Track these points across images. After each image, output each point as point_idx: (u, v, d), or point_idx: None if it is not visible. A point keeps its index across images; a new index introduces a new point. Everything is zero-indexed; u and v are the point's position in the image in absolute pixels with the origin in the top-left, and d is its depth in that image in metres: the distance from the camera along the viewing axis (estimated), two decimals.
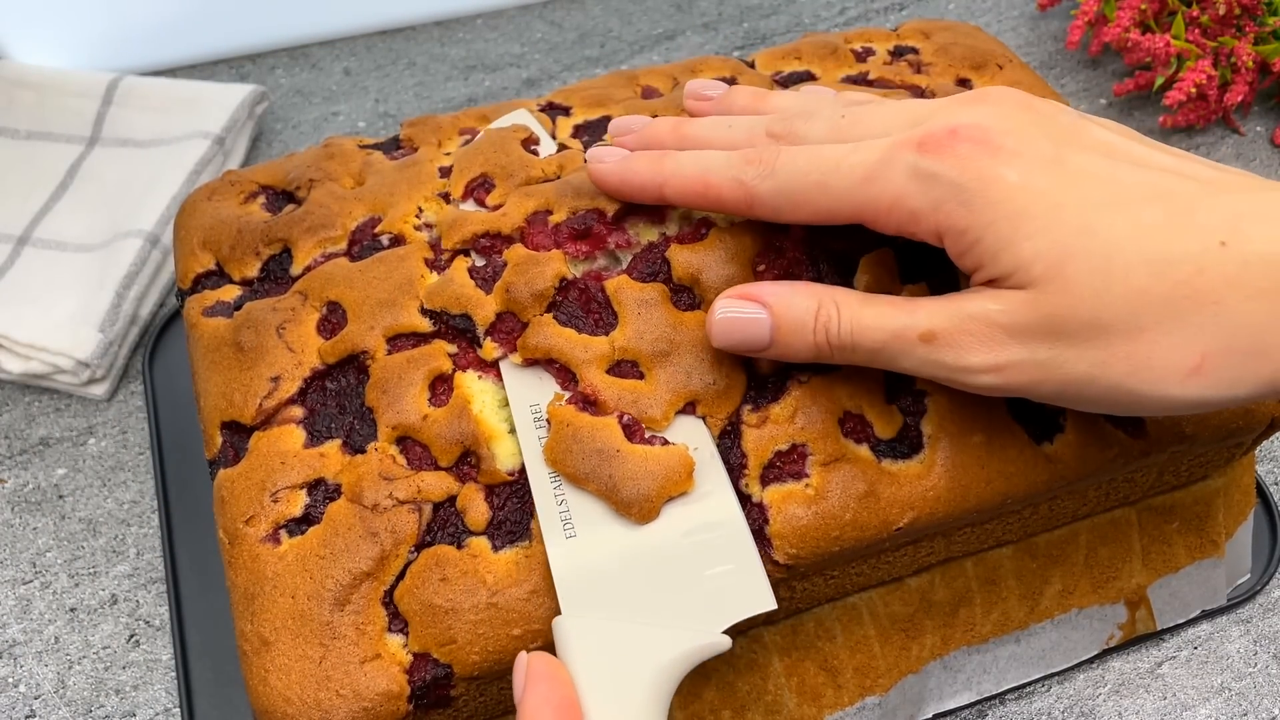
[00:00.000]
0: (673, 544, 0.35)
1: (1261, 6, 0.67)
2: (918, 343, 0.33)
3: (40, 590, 0.50)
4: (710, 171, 0.37)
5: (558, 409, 0.37)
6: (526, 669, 0.32)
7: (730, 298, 0.36)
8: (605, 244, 0.41)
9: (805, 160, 0.35)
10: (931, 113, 0.34)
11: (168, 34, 0.71)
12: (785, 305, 0.35)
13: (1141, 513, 0.47)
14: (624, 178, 0.40)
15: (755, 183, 0.36)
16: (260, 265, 0.44)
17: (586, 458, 0.36)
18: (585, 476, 0.36)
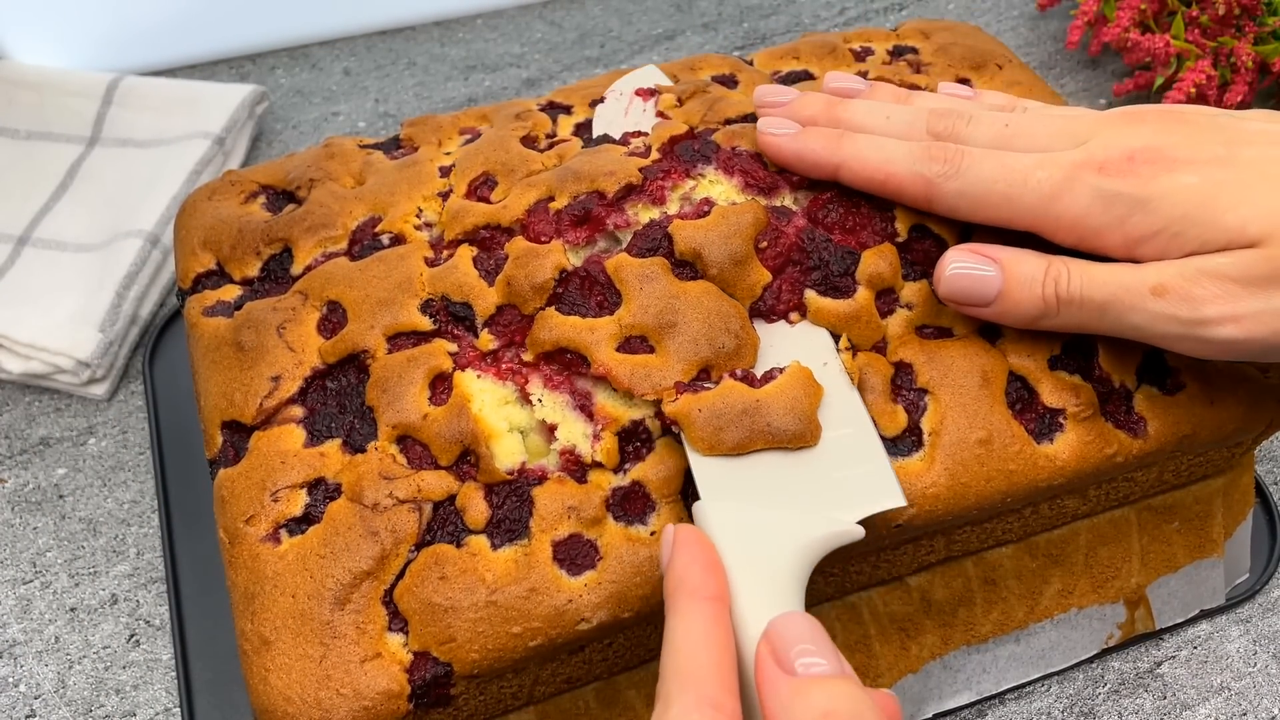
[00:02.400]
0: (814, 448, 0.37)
1: (1261, 6, 0.67)
2: (1149, 296, 0.35)
3: (40, 590, 0.50)
4: (893, 162, 0.39)
5: (673, 406, 0.37)
6: (674, 535, 0.33)
7: (962, 252, 0.38)
8: (604, 226, 0.41)
9: (991, 168, 0.38)
10: (1092, 131, 0.38)
11: (168, 34, 0.71)
12: (1016, 262, 0.38)
13: (1141, 513, 0.47)
14: (799, 153, 0.41)
15: (940, 180, 0.38)
16: (260, 265, 0.44)
17: (737, 426, 0.36)
18: (748, 440, 0.36)
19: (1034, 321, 0.38)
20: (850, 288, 0.40)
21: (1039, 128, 0.39)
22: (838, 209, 0.41)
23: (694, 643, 0.29)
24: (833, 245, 0.41)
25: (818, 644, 0.29)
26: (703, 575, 0.31)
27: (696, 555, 0.32)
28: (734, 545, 0.33)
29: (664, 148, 0.43)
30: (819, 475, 0.36)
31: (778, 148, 0.41)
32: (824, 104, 0.42)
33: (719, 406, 0.37)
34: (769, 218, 0.41)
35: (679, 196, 0.42)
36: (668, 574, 0.32)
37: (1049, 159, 0.37)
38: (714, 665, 0.29)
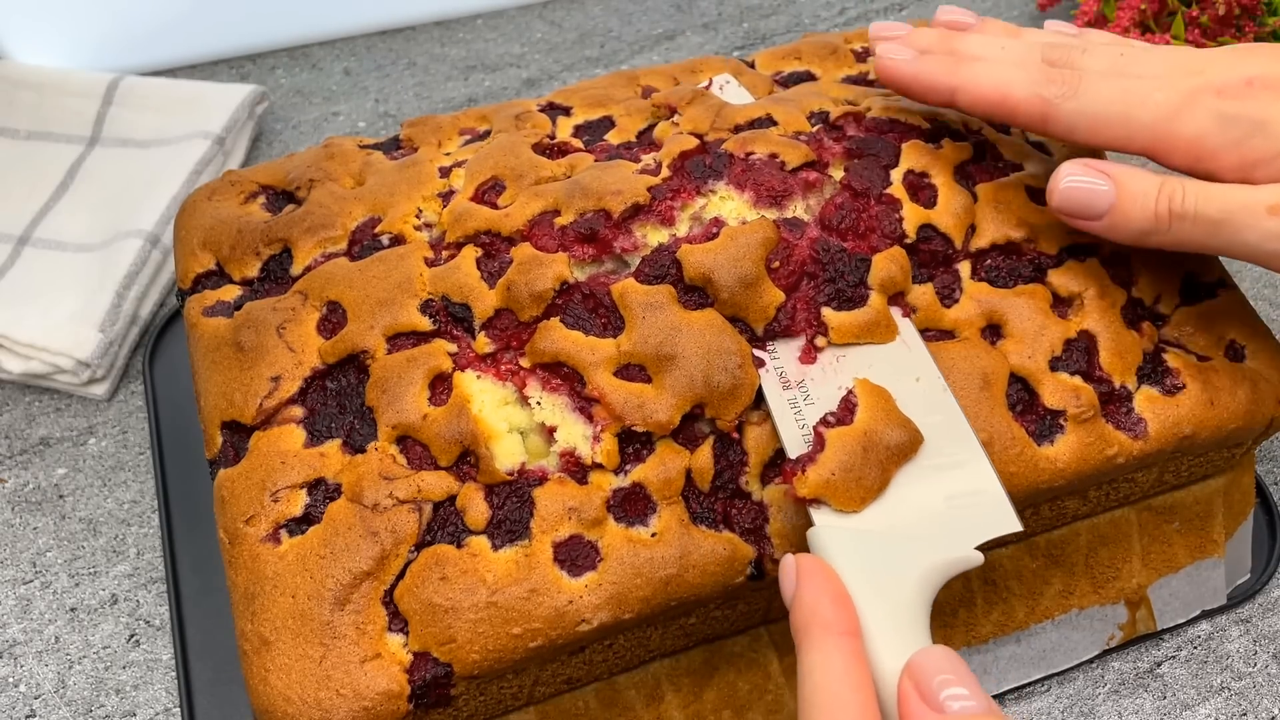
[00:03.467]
0: (916, 471, 0.36)
1: (1261, 6, 0.67)
2: (1265, 215, 0.36)
3: (40, 590, 0.50)
4: (1010, 84, 0.40)
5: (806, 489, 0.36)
6: (796, 566, 0.33)
7: (1076, 165, 0.38)
8: (611, 248, 0.41)
9: (1110, 89, 0.39)
10: (1206, 62, 0.39)
11: (168, 34, 0.71)
12: (1130, 177, 0.38)
13: (1141, 513, 0.47)
14: (917, 75, 0.42)
15: (1058, 101, 0.39)
16: (260, 265, 0.44)
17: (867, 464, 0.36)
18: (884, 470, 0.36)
19: (1143, 237, 0.38)
20: (864, 296, 0.40)
21: (1153, 57, 0.40)
22: (849, 213, 0.41)
23: (835, 681, 0.29)
24: (846, 255, 0.41)
25: (961, 679, 0.29)
26: (834, 609, 0.31)
27: (825, 587, 0.32)
28: (857, 574, 0.33)
29: (674, 164, 0.43)
30: (932, 499, 0.36)
31: (896, 70, 0.42)
32: (939, 36, 0.43)
33: (845, 460, 0.36)
34: (779, 235, 0.41)
35: (689, 216, 0.42)
36: (796, 606, 0.32)
37: (1167, 82, 0.38)
38: (859, 705, 0.29)
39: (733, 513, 0.38)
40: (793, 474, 0.36)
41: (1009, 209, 0.43)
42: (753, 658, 0.43)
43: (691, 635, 0.41)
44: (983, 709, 0.28)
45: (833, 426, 0.37)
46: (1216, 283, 0.45)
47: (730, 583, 0.38)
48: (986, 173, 0.45)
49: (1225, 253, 0.38)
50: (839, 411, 0.37)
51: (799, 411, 0.38)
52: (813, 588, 0.32)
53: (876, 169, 0.43)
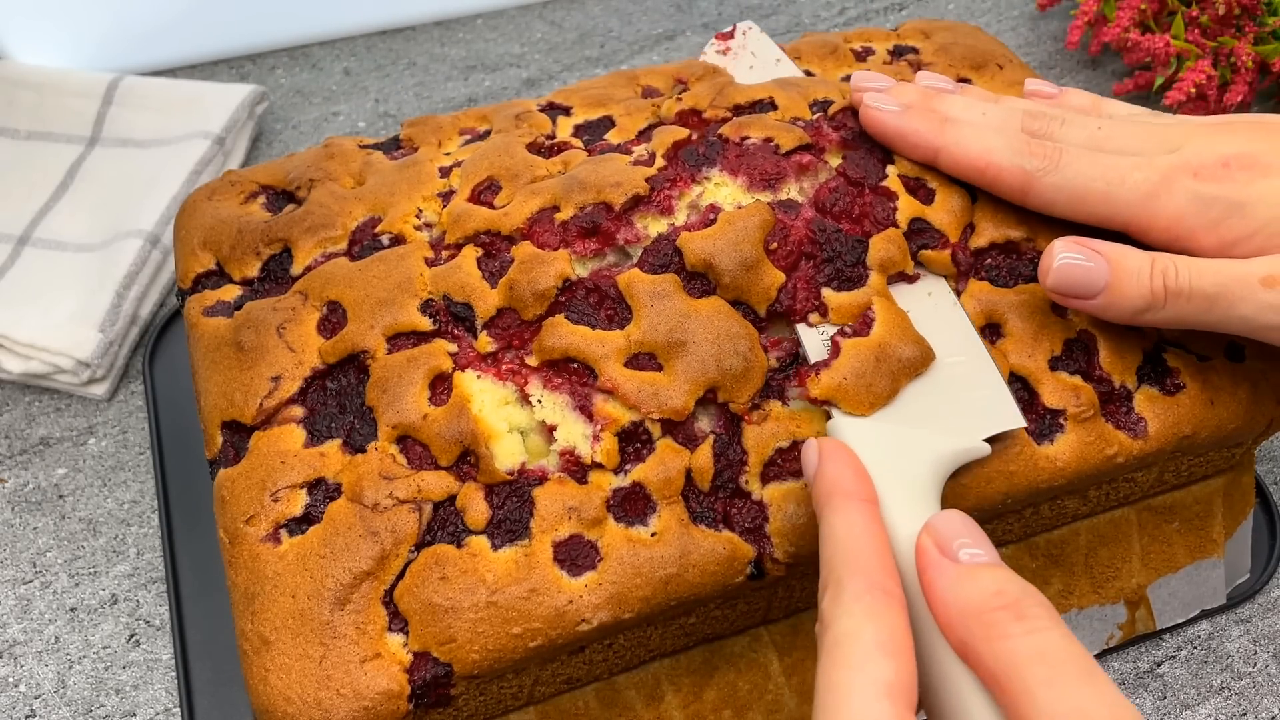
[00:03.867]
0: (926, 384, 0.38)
1: (1261, 6, 0.67)
2: (1259, 287, 0.36)
3: (40, 590, 0.50)
4: (994, 152, 0.41)
5: (819, 389, 0.38)
6: (818, 447, 0.35)
7: (1069, 243, 0.38)
8: (614, 240, 0.41)
9: (1090, 166, 0.39)
10: (1183, 138, 0.39)
11: (168, 34, 0.71)
12: (1123, 254, 0.38)
13: (1141, 513, 0.47)
14: (902, 130, 0.42)
15: (1039, 174, 0.40)
16: (260, 265, 0.44)
17: (879, 373, 0.38)
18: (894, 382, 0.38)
19: (1138, 315, 0.38)
20: (863, 276, 0.40)
21: (1131, 132, 0.40)
22: (843, 197, 0.42)
23: (856, 536, 0.31)
24: (842, 235, 0.41)
25: (975, 538, 0.31)
26: (855, 479, 0.33)
27: (846, 461, 0.34)
28: (873, 457, 0.35)
29: (668, 154, 0.43)
30: (942, 399, 0.38)
31: (882, 122, 0.43)
32: (921, 93, 0.44)
33: (857, 366, 0.38)
34: (776, 216, 0.41)
35: (686, 205, 0.42)
36: (818, 479, 0.34)
37: (1145, 162, 0.39)
38: (878, 555, 0.31)
39: (733, 512, 0.38)
40: (807, 375, 0.38)
41: (1008, 209, 0.43)
42: (753, 658, 0.43)
43: (691, 635, 0.41)
44: (994, 561, 0.30)
45: (850, 337, 0.39)
46: None
47: (730, 582, 0.38)
48: None
49: (1220, 328, 0.38)
50: (857, 324, 0.39)
51: (820, 325, 0.40)
52: (835, 462, 0.34)
53: (873, 161, 0.43)
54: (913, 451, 0.36)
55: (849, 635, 0.29)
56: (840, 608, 0.30)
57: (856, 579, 0.30)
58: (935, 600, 0.30)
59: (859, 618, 0.29)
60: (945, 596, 0.30)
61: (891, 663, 0.28)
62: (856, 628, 0.29)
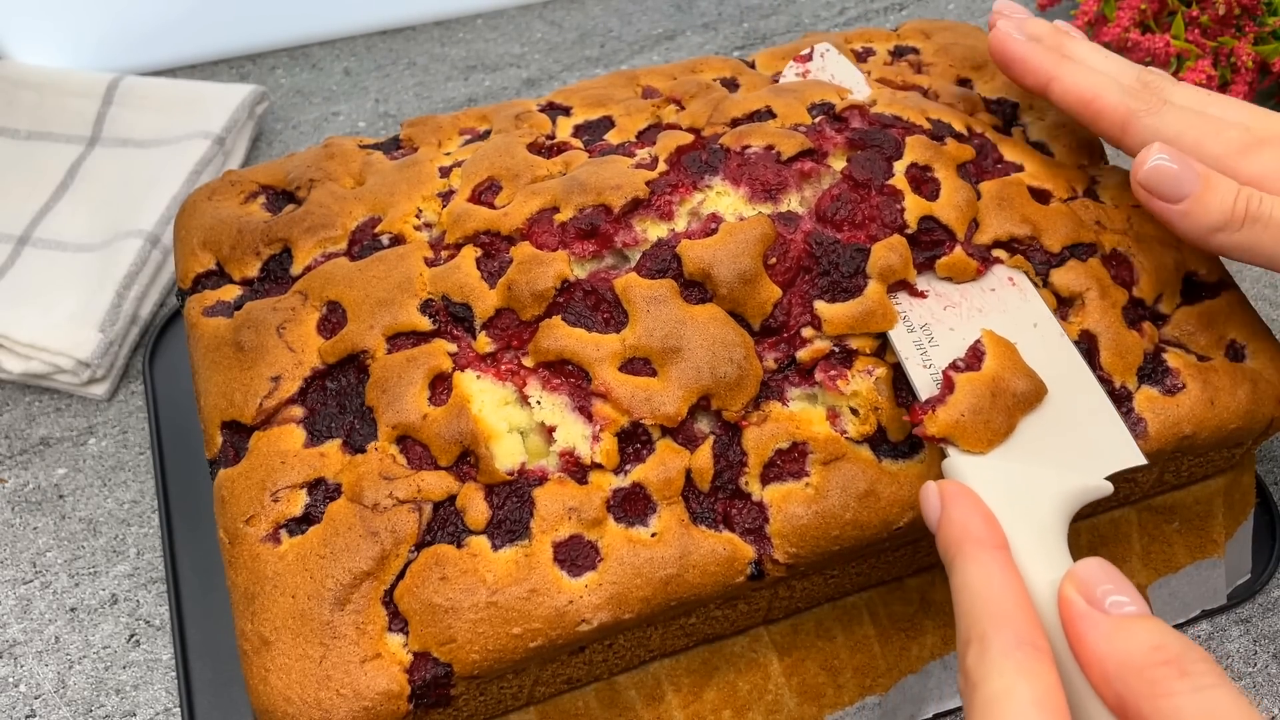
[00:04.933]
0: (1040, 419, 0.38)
1: (1261, 6, 0.67)
2: None
3: (40, 590, 0.50)
4: (1102, 87, 0.42)
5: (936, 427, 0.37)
6: (940, 490, 0.34)
7: (1166, 147, 0.40)
8: (613, 243, 0.41)
9: (1189, 116, 0.41)
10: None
11: (168, 34, 0.71)
12: (1212, 172, 0.39)
13: (1141, 513, 0.47)
14: (1024, 56, 0.44)
15: (1141, 114, 0.42)
16: (260, 265, 0.44)
17: (995, 409, 0.37)
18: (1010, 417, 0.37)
19: (1213, 232, 0.39)
20: (860, 286, 0.40)
21: (1234, 105, 0.42)
22: (846, 204, 0.41)
23: (997, 587, 0.31)
24: (840, 246, 0.41)
25: (1120, 586, 0.30)
26: (985, 525, 0.32)
27: (974, 506, 0.33)
28: (995, 498, 0.34)
29: (671, 159, 0.43)
30: (1059, 435, 0.37)
31: (1008, 45, 0.45)
32: (1052, 29, 0.46)
33: (974, 402, 0.37)
34: (776, 231, 0.41)
35: (687, 211, 0.42)
36: (945, 525, 0.33)
37: (1240, 124, 0.41)
38: (1021, 607, 0.30)
39: (733, 513, 0.38)
40: (923, 413, 0.37)
41: (1012, 206, 0.43)
42: (753, 658, 0.43)
43: (691, 635, 0.41)
44: (1145, 611, 0.29)
45: (962, 371, 0.38)
46: (1217, 283, 0.45)
47: (730, 583, 0.38)
48: (988, 173, 0.45)
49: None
50: (967, 358, 0.38)
51: (925, 354, 0.39)
52: (961, 507, 0.33)
53: (880, 160, 0.43)
54: (1037, 491, 0.35)
55: (1004, 695, 0.28)
56: (989, 665, 0.29)
57: (1003, 633, 0.29)
58: (1088, 655, 0.29)
59: (1011, 675, 0.28)
60: (1100, 651, 0.29)
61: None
62: (1009, 687, 0.28)
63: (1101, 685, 0.29)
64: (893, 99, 0.46)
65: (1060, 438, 0.37)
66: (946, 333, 0.40)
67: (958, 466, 0.36)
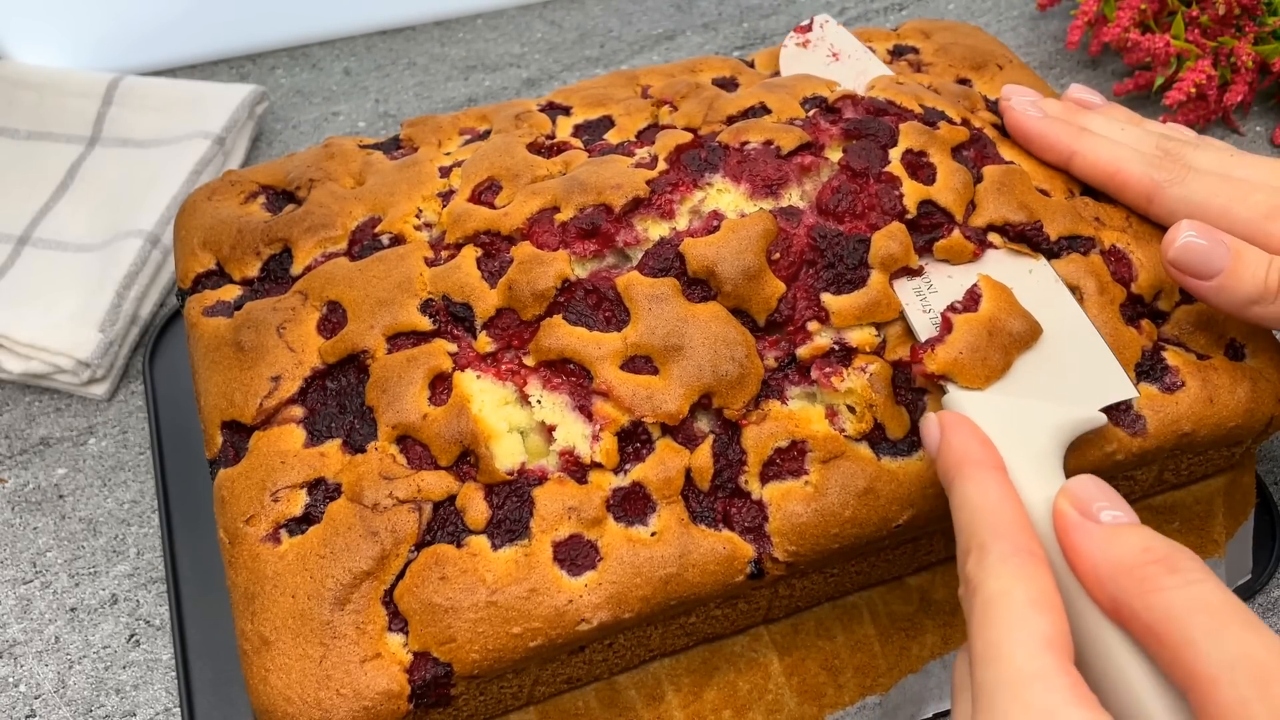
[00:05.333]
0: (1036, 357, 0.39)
1: (1261, 6, 0.67)
2: None
3: (40, 590, 0.50)
4: (1124, 160, 0.43)
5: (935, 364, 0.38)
6: (939, 419, 0.35)
7: (1195, 224, 0.40)
8: (614, 242, 0.41)
9: (1214, 184, 0.42)
10: None
11: (168, 34, 0.71)
12: (1243, 244, 0.39)
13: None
14: (1042, 132, 0.45)
15: (1166, 185, 0.42)
16: (260, 265, 0.44)
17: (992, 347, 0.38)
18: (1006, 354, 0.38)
19: (1248, 305, 0.39)
20: (864, 277, 0.40)
21: (1259, 165, 0.43)
22: (846, 195, 0.42)
23: (994, 501, 0.32)
24: (843, 238, 0.41)
25: (1113, 501, 0.32)
26: (982, 448, 0.34)
27: (972, 432, 0.35)
28: (994, 429, 0.35)
29: (670, 157, 0.43)
30: (1053, 371, 0.39)
31: (1025, 122, 0.45)
32: (1066, 108, 0.47)
33: (971, 340, 0.38)
34: (778, 226, 0.41)
35: (688, 210, 0.42)
36: (944, 451, 0.34)
37: (1267, 185, 0.41)
38: (1017, 518, 0.32)
39: (732, 512, 0.38)
40: (922, 352, 0.38)
41: (1012, 192, 0.43)
42: (753, 658, 0.43)
43: (691, 635, 0.41)
44: (1135, 521, 0.31)
45: (960, 313, 0.39)
46: None
47: (730, 582, 0.38)
48: (989, 159, 0.45)
49: None
50: (965, 300, 0.40)
51: (924, 300, 0.41)
52: (960, 433, 0.35)
53: (875, 149, 0.43)
54: (1033, 422, 0.36)
55: (1001, 595, 0.29)
56: (987, 570, 0.30)
57: (1000, 542, 0.31)
58: (1081, 561, 0.31)
59: (1008, 579, 0.30)
60: (1093, 557, 0.30)
61: (1047, 617, 0.29)
62: (1007, 588, 0.29)
63: (1095, 589, 0.30)
64: (888, 85, 0.46)
65: (1055, 374, 0.39)
66: (945, 280, 0.41)
67: (957, 401, 0.37)
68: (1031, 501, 0.33)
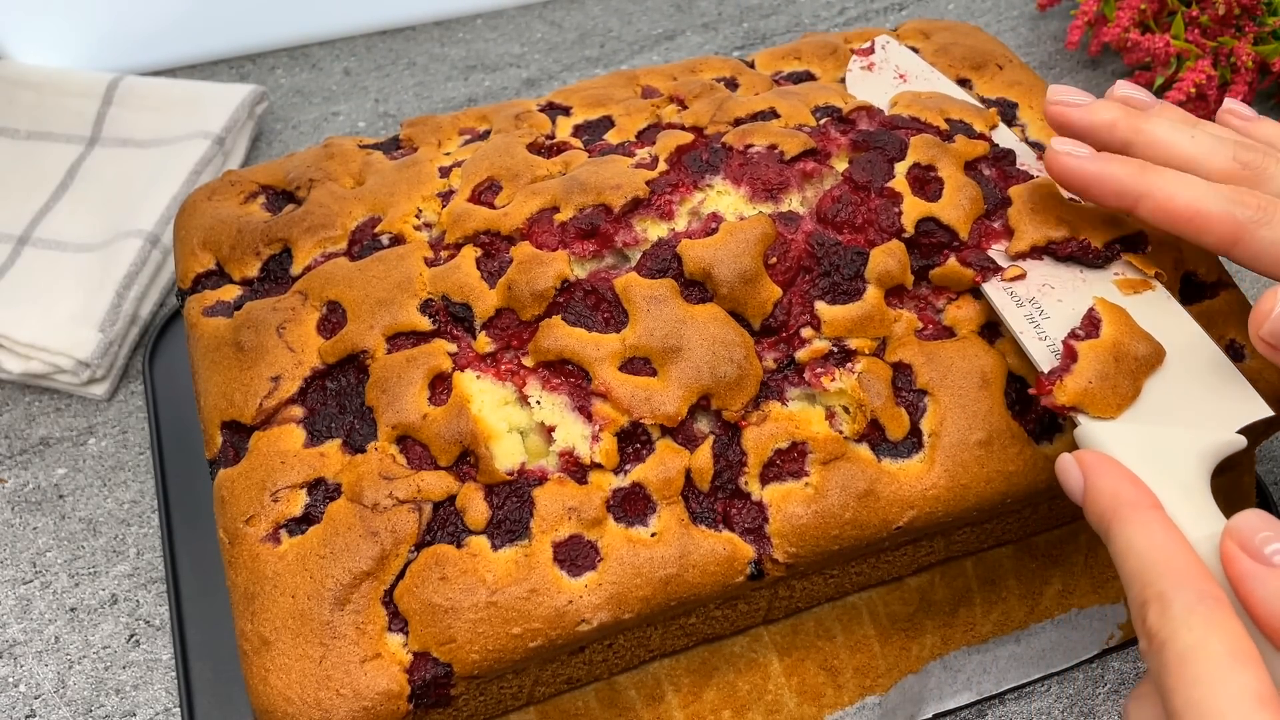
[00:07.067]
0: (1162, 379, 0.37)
1: (1261, 6, 0.67)
2: None
3: (40, 590, 0.50)
4: (1202, 200, 0.37)
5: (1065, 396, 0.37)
6: (1079, 461, 0.34)
7: None
8: (613, 242, 0.41)
9: None
10: None
11: (168, 34, 0.71)
12: None
13: None
14: (1101, 177, 0.38)
15: (1252, 226, 0.37)
16: (260, 265, 0.44)
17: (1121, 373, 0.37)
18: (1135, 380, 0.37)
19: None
20: (860, 289, 0.40)
21: None
22: (846, 206, 0.41)
23: (1163, 545, 0.30)
24: (841, 248, 0.41)
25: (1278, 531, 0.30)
26: (1134, 488, 0.32)
27: (1119, 472, 0.33)
28: (1135, 461, 0.34)
29: (671, 158, 0.43)
30: (1183, 394, 0.37)
31: (1077, 170, 0.39)
32: (1122, 111, 0.40)
33: (1100, 369, 0.37)
34: (777, 230, 0.41)
35: (687, 211, 0.42)
36: (1093, 496, 0.33)
37: None
38: (1194, 562, 0.30)
39: (732, 513, 0.38)
40: (1050, 384, 0.37)
41: (1046, 208, 0.42)
42: (753, 658, 0.43)
43: (691, 635, 0.41)
44: None
45: (1082, 340, 0.38)
46: (1216, 283, 0.45)
47: (730, 582, 0.38)
48: (1013, 178, 0.44)
49: None
50: (1085, 326, 0.38)
51: (1038, 326, 0.39)
52: (1108, 474, 0.33)
53: (881, 163, 0.43)
54: (1175, 451, 0.35)
55: (1196, 649, 0.28)
56: (1174, 622, 0.28)
57: (1183, 591, 0.29)
58: (1259, 610, 0.29)
59: (1200, 630, 0.28)
60: (1269, 604, 0.29)
61: (1250, 670, 0.27)
62: (1201, 640, 0.28)
63: (1276, 636, 0.29)
64: (913, 100, 0.46)
65: (1185, 396, 0.37)
66: (1055, 304, 0.40)
67: (1091, 434, 0.36)
68: (1193, 539, 0.31)
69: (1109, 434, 0.35)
